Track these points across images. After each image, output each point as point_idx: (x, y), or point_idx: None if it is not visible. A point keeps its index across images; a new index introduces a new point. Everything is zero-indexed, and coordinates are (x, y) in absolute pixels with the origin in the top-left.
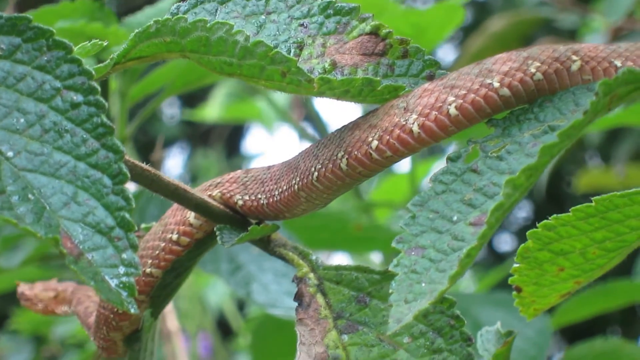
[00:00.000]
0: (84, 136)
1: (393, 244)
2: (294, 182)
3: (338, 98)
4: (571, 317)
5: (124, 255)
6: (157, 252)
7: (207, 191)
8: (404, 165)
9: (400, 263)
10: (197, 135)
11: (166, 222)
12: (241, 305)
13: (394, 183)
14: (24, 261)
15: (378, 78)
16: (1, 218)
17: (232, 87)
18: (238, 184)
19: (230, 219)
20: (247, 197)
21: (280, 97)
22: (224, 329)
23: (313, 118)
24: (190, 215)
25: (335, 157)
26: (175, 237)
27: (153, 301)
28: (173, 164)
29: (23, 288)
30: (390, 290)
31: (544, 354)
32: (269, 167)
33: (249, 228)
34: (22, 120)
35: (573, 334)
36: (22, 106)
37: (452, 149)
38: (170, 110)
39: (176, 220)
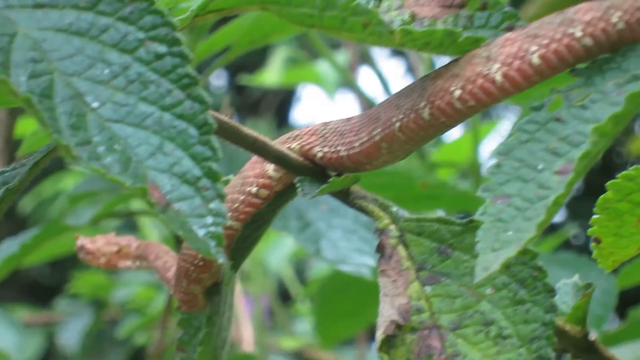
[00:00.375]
0: (169, 87)
1: (478, 193)
2: (375, 132)
3: (419, 49)
4: (634, 279)
5: (212, 205)
6: (236, 205)
7: (285, 144)
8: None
9: (487, 211)
10: (246, 106)
11: (245, 175)
12: (299, 273)
13: (456, 145)
14: (92, 219)
15: (459, 29)
16: (90, 168)
17: (290, 52)
18: (317, 136)
19: (310, 171)
20: (326, 149)
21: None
22: (283, 295)
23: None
24: (270, 168)
25: (417, 107)
26: (254, 189)
27: (233, 254)
28: None
29: (84, 241)
30: (476, 239)
31: (610, 313)
32: (348, 119)
33: (329, 180)
34: (106, 71)
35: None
36: (106, 57)
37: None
38: (218, 82)
39: (255, 174)
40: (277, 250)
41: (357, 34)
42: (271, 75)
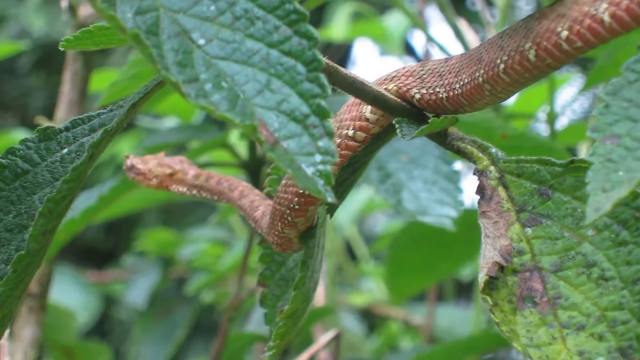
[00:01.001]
0: (276, 23)
1: (587, 133)
2: (477, 74)
3: None
4: None
5: (320, 143)
6: None
7: (382, 85)
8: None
9: (596, 152)
10: None
11: (341, 119)
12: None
13: (531, 95)
14: None
15: None
16: (197, 105)
17: (356, 6)
18: (414, 78)
19: (407, 113)
20: (424, 91)
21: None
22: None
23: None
24: (366, 110)
25: (522, 48)
26: (351, 132)
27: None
28: None
29: (134, 161)
30: (586, 180)
31: None
32: (446, 60)
33: (428, 120)
34: (212, 7)
35: None
36: None
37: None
38: None
39: (352, 116)
40: (345, 207)
41: None
42: (338, 29)
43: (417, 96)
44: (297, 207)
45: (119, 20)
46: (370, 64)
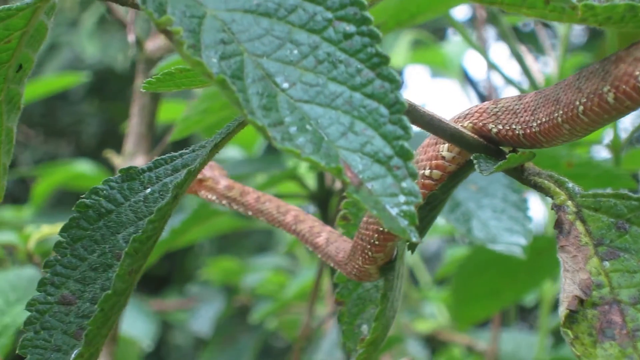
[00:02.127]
0: (358, 66)
1: None
2: (556, 114)
3: (599, 25)
4: None
5: (404, 184)
6: None
7: (457, 122)
8: None
9: None
10: None
11: (417, 160)
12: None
13: None
14: None
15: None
16: (283, 149)
17: (416, 34)
18: (488, 114)
19: (484, 149)
20: (500, 127)
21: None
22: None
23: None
24: (443, 149)
25: (601, 91)
26: (427, 172)
27: None
28: None
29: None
30: None
31: None
32: (519, 98)
33: (506, 156)
34: (295, 51)
35: None
36: (295, 38)
37: None
38: None
39: (428, 157)
40: None
41: (539, 10)
42: (399, 57)
43: (494, 130)
44: (377, 242)
45: (206, 66)
46: (422, 86)
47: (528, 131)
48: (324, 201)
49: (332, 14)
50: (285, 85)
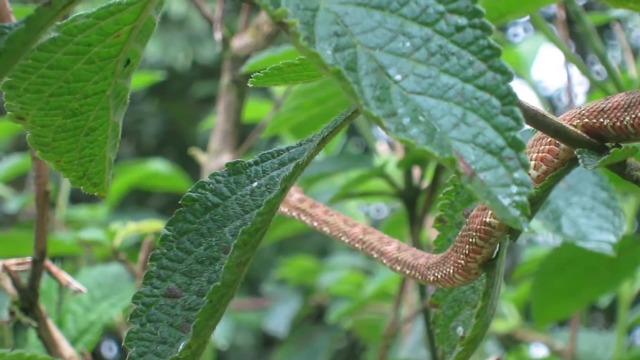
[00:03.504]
0: (470, 59)
1: None
2: None
3: None
4: None
5: (516, 175)
6: None
7: (567, 121)
8: None
9: None
10: None
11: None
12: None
13: None
14: (331, 199)
15: None
16: (398, 139)
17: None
18: (599, 110)
19: (588, 144)
20: (614, 120)
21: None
22: None
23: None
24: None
25: None
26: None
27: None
28: None
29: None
30: None
31: None
32: (627, 94)
33: (610, 151)
34: (407, 44)
35: None
36: (407, 30)
37: None
38: None
39: (537, 150)
40: None
41: None
42: None
43: (609, 125)
44: (484, 236)
45: (322, 58)
46: None
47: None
48: (412, 199)
49: (444, 6)
50: (398, 77)
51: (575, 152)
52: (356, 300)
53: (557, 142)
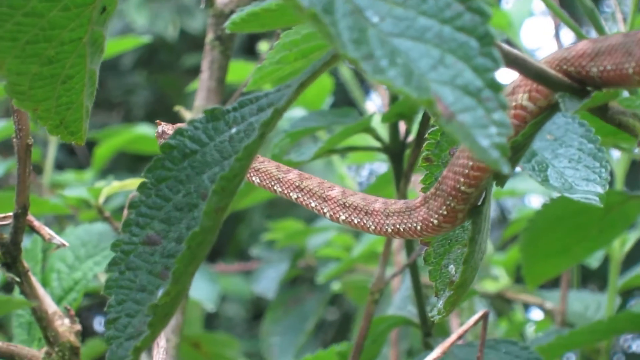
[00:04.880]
0: (448, 0)
1: None
2: None
3: None
4: None
5: (495, 116)
6: None
7: (549, 64)
8: None
9: None
10: None
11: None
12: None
13: None
14: (315, 154)
15: None
16: (375, 80)
17: None
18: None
19: (569, 88)
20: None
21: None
22: None
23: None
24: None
25: None
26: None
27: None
28: None
29: (165, 127)
30: None
31: None
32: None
33: (591, 94)
34: None
35: None
36: None
37: None
38: None
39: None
40: None
41: None
42: None
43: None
44: (470, 179)
45: (297, 0)
46: None
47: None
48: (398, 154)
49: None
50: (375, 19)
51: (556, 96)
52: (345, 262)
53: (537, 88)
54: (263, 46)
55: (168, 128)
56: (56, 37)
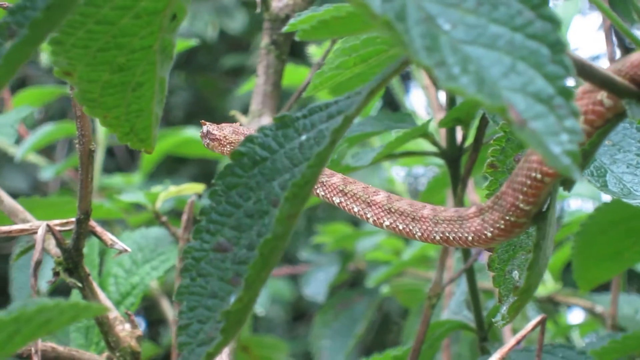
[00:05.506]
0: (519, 8)
1: None
2: None
3: None
4: None
5: (566, 123)
6: None
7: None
8: None
9: None
10: None
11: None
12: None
13: None
14: (374, 159)
15: None
16: (448, 88)
17: None
18: None
19: (635, 95)
20: None
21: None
22: None
23: None
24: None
25: None
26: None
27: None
28: None
29: (210, 127)
30: None
31: None
32: None
33: None
34: None
35: None
36: None
37: None
38: None
39: (585, 103)
40: None
41: None
42: None
43: None
44: (529, 197)
45: (371, 8)
46: None
47: None
48: (455, 159)
49: None
50: (447, 26)
51: (623, 105)
52: (396, 265)
53: (602, 98)
54: (313, 50)
55: (213, 128)
56: (127, 44)
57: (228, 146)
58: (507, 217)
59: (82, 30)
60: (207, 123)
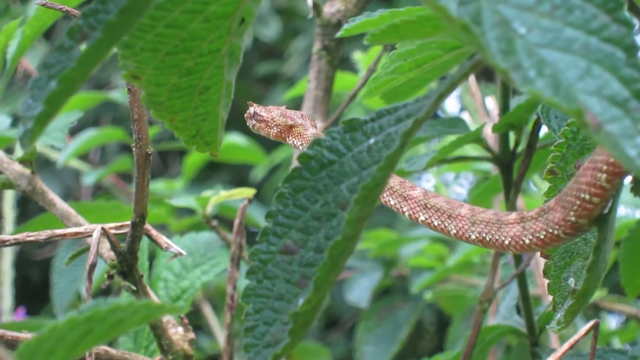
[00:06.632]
0: (594, 11)
1: None
2: None
3: None
4: None
5: None
6: None
7: None
8: None
9: None
10: None
11: None
12: None
13: None
14: (427, 164)
15: None
16: (525, 91)
17: None
18: None
19: None
20: None
21: None
22: None
23: None
24: None
25: None
26: None
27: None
28: None
29: (257, 109)
30: None
31: None
32: None
33: None
34: None
35: None
36: None
37: None
38: None
39: None
40: None
41: None
42: None
43: None
44: (603, 185)
45: (448, 11)
46: None
47: None
48: (508, 164)
49: None
50: (523, 30)
51: None
52: (440, 271)
53: None
54: (358, 56)
55: (260, 109)
56: (195, 48)
57: (275, 128)
58: (551, 230)
59: (152, 34)
60: (254, 104)
